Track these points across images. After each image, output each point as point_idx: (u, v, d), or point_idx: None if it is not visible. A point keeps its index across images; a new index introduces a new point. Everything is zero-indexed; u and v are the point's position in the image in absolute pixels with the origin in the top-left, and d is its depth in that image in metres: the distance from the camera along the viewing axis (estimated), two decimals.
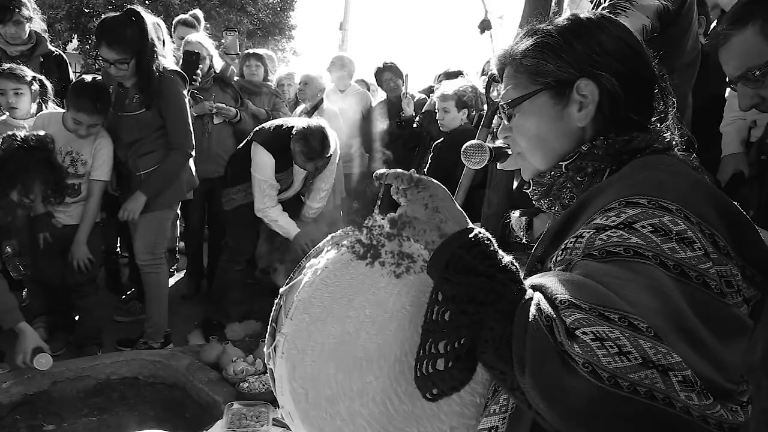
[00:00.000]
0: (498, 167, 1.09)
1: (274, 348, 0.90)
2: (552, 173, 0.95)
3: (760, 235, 0.80)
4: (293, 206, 3.47)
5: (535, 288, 0.74)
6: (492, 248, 0.79)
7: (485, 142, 1.13)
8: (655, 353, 0.62)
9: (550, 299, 0.69)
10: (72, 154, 3.01)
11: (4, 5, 3.26)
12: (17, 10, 3.27)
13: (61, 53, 3.70)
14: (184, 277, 4.45)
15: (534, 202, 1.02)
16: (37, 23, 3.48)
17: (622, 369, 0.61)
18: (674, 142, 0.93)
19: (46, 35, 3.59)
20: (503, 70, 0.99)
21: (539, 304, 0.69)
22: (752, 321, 0.75)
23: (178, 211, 3.93)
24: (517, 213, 1.19)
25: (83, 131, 2.95)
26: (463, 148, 1.22)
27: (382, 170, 0.93)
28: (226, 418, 2.16)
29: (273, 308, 0.96)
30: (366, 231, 0.96)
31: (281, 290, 0.96)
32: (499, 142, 1.25)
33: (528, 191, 1.02)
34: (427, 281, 0.92)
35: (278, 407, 0.92)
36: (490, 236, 0.82)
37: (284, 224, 3.34)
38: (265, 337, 3.05)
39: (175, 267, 4.57)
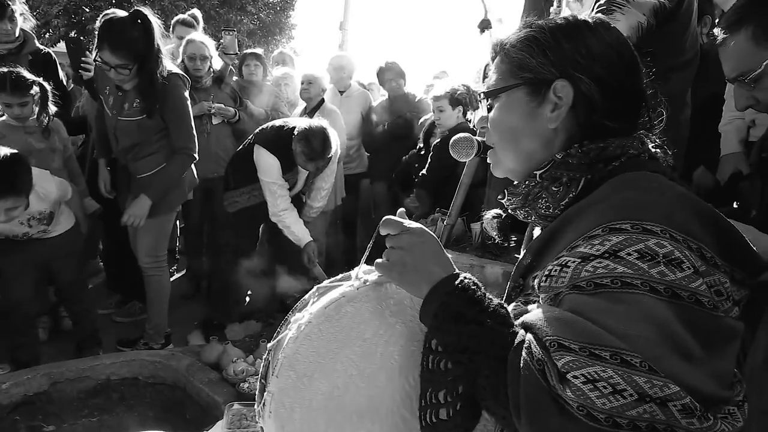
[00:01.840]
0: (488, 161, 1.09)
1: (263, 406, 0.88)
2: (526, 183, 0.93)
3: (745, 238, 0.79)
4: (295, 206, 3.47)
5: (526, 328, 0.73)
6: (479, 293, 0.78)
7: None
8: (650, 387, 0.61)
9: (540, 341, 0.68)
10: (34, 217, 2.76)
11: (1, 3, 3.20)
12: (10, 7, 3.21)
13: (50, 51, 3.61)
14: (184, 277, 4.45)
15: (510, 212, 1.01)
16: (27, 22, 3.42)
17: (618, 408, 0.60)
18: (650, 147, 0.91)
19: (33, 32, 3.51)
20: (495, 59, 0.98)
21: (530, 348, 0.68)
22: (742, 322, 0.74)
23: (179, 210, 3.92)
24: (489, 214, 1.18)
25: (2, 218, 2.52)
26: (451, 141, 1.22)
27: (382, 220, 0.91)
28: (227, 419, 2.16)
29: (262, 364, 0.95)
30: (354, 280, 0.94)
31: (269, 345, 0.95)
32: None
33: (503, 202, 1.00)
34: (414, 330, 0.92)
35: None
36: (476, 280, 0.81)
37: (297, 231, 3.33)
38: (265, 337, 3.04)
39: (175, 267, 4.57)
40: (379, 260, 0.88)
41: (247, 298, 3.67)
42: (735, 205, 2.03)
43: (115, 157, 3.21)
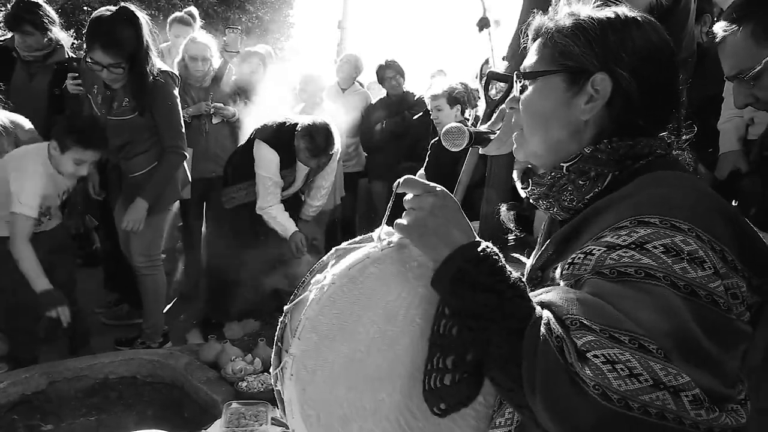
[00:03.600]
0: (480, 152, 1.08)
1: (281, 369, 0.87)
2: (552, 174, 0.93)
3: (766, 243, 0.79)
4: (293, 204, 3.47)
5: (544, 306, 0.73)
6: (500, 263, 0.78)
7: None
8: (665, 375, 0.63)
9: (560, 319, 0.69)
10: (66, 191, 2.83)
11: (16, 15, 3.26)
12: (26, 24, 3.26)
13: (77, 60, 3.55)
14: (182, 276, 4.44)
15: (532, 202, 1.00)
16: (60, 32, 3.47)
17: (633, 391, 0.62)
18: (675, 148, 0.91)
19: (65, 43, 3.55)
20: (535, 41, 0.97)
21: (549, 324, 0.69)
22: (752, 328, 0.75)
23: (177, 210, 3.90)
24: (504, 207, 1.18)
25: (84, 170, 2.74)
26: (443, 131, 1.22)
27: (400, 179, 0.89)
28: (225, 418, 2.16)
29: (278, 327, 0.93)
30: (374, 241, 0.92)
31: (285, 308, 0.93)
32: (483, 128, 1.24)
33: (526, 191, 1.00)
34: (436, 293, 0.90)
35: (276, 406, 0.90)
36: (497, 251, 0.80)
37: (282, 221, 3.31)
38: (263, 336, 3.02)
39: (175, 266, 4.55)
40: (399, 220, 0.87)
41: (246, 297, 3.66)
42: (734, 203, 2.03)
43: (106, 157, 3.17)
